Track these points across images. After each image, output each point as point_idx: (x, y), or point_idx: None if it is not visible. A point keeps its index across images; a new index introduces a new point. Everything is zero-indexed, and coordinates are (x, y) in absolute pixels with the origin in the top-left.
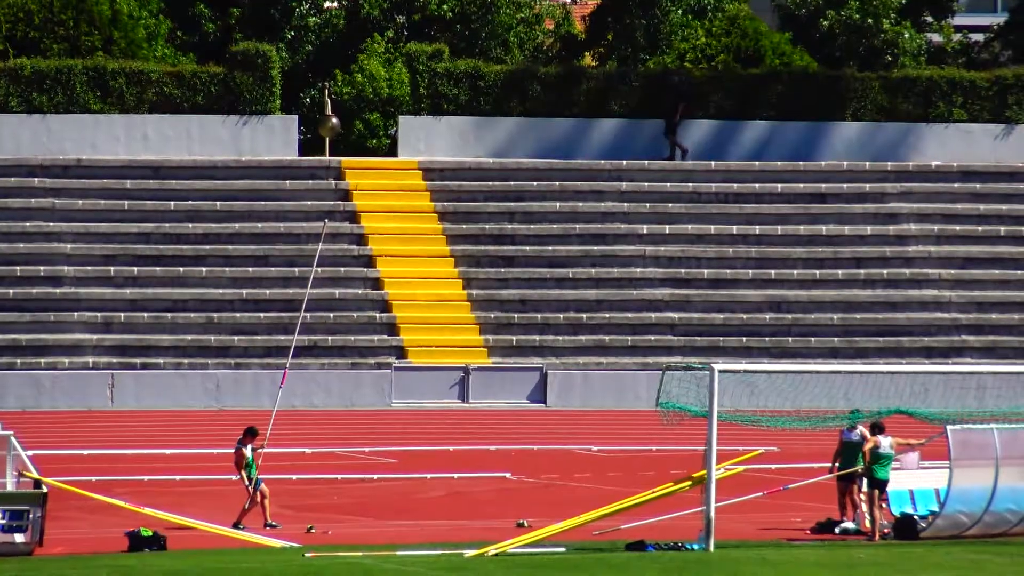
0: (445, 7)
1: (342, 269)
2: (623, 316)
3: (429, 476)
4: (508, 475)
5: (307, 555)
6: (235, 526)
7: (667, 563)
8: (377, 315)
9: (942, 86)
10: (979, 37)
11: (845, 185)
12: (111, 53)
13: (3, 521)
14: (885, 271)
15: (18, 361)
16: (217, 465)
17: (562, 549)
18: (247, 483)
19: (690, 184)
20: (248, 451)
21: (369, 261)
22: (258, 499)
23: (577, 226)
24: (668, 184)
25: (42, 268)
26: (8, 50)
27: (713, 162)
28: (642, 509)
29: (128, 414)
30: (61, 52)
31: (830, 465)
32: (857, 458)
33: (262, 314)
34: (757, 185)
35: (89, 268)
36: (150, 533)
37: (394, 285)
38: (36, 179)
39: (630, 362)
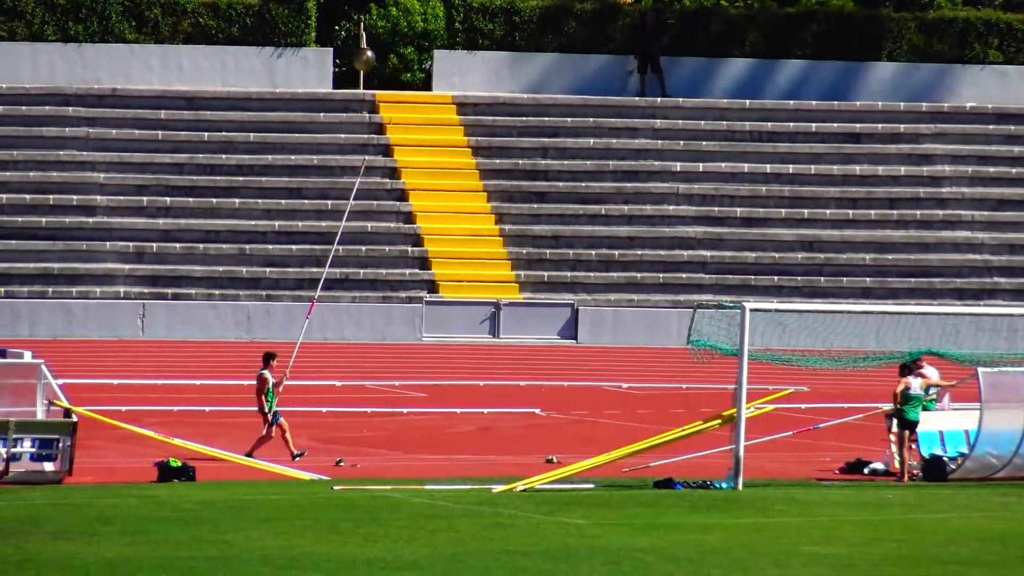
0: None
1: (375, 203)
2: (655, 253)
3: (459, 411)
4: (538, 411)
5: (335, 488)
6: (248, 455)
7: (696, 501)
8: (409, 249)
9: (978, 27)
10: None
11: (880, 125)
12: None
13: (33, 450)
14: (918, 212)
15: (50, 290)
16: (247, 397)
17: (591, 486)
18: (266, 411)
19: (724, 122)
20: (270, 376)
21: (402, 195)
22: (274, 434)
23: (610, 163)
24: (702, 122)
25: (75, 197)
26: None
27: (748, 100)
28: (671, 447)
29: (159, 344)
30: None
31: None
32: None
33: (294, 246)
34: (791, 124)
35: (122, 198)
36: (179, 464)
37: (426, 219)
38: (70, 108)
39: (661, 299)
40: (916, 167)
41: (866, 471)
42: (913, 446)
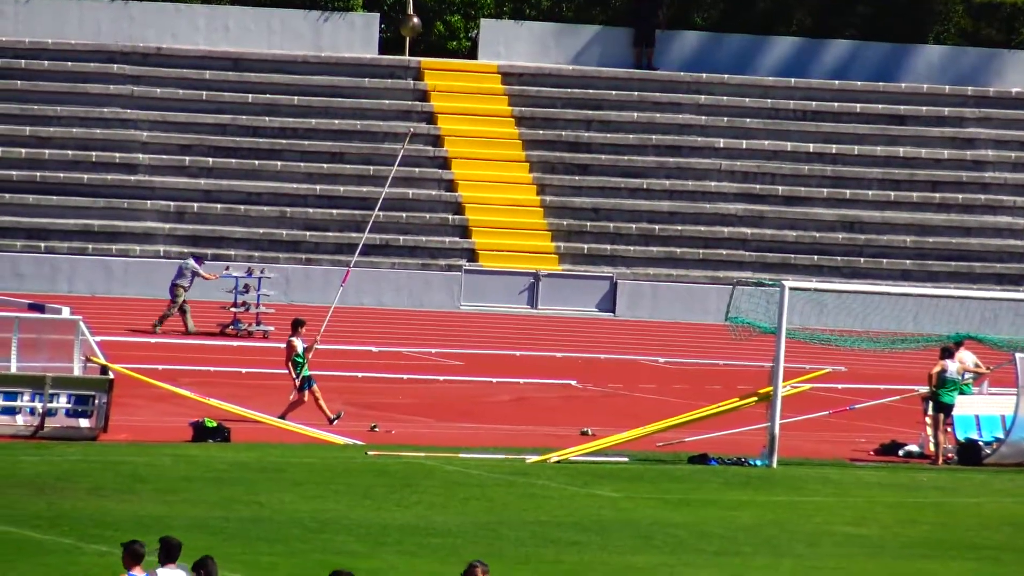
0: None
1: (416, 170)
2: (695, 229)
3: (495, 380)
4: (574, 383)
5: (369, 453)
6: (281, 417)
7: (730, 478)
8: (450, 217)
9: None
10: None
11: (924, 108)
12: None
13: (69, 405)
14: (960, 196)
15: (90, 247)
16: (282, 359)
17: (625, 459)
18: (295, 377)
19: (768, 100)
20: (299, 343)
21: (444, 163)
22: (306, 398)
23: (654, 137)
24: (746, 99)
25: (117, 155)
26: None
27: (793, 79)
28: (706, 423)
29: (196, 304)
30: None
31: None
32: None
33: (335, 211)
34: (836, 104)
35: (164, 157)
36: (214, 424)
37: (468, 188)
38: (115, 65)
39: (700, 275)
40: (959, 151)
41: (901, 453)
42: (949, 429)
